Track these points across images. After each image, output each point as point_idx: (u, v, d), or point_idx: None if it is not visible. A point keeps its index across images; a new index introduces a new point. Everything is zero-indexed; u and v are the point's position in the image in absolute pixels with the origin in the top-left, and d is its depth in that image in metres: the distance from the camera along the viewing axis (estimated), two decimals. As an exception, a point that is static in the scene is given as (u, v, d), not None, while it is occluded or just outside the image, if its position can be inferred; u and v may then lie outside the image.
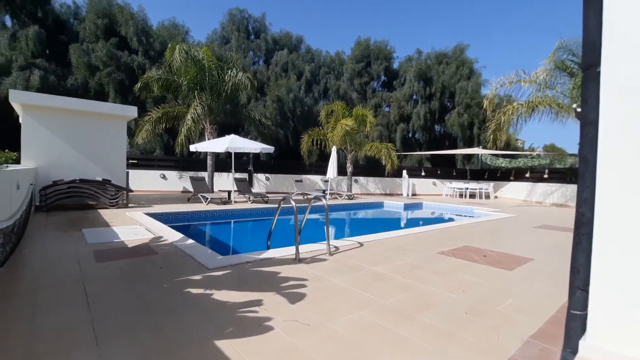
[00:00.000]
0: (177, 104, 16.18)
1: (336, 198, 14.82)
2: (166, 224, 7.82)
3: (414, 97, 23.50)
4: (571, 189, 14.05)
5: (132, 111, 9.58)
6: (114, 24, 20.24)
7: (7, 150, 10.27)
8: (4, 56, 19.16)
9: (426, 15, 46.56)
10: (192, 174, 15.87)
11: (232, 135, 11.03)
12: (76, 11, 21.77)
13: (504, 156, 20.58)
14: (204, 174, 15.74)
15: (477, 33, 48.31)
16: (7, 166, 4.67)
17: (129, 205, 9.62)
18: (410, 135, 23.85)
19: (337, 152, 14.75)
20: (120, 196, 8.90)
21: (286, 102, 20.52)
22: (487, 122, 12.00)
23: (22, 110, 8.34)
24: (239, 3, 37.09)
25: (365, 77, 24.32)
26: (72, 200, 8.36)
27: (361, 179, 18.46)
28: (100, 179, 8.78)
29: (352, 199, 14.79)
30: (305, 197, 14.39)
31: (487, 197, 17.20)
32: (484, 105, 12.00)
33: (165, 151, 19.47)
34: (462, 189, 17.56)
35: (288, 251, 4.49)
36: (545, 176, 15.56)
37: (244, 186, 12.44)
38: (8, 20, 20.36)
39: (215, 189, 14.36)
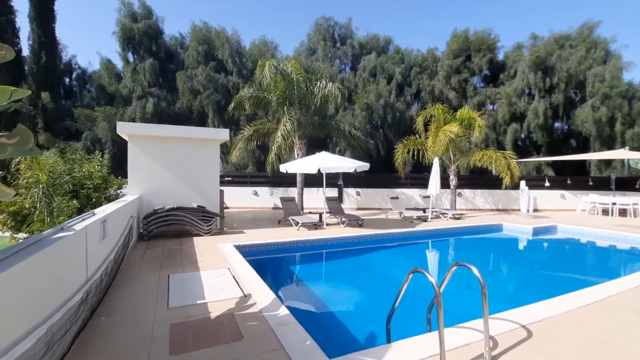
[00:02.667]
0: (268, 119, 16.17)
1: (439, 217, 12.77)
2: (256, 256, 7.17)
3: (528, 90, 19.67)
4: None
5: (224, 134, 9.37)
6: (212, 49, 21.68)
7: (119, 177, 11.20)
8: (128, 88, 22.06)
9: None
10: (282, 190, 15.61)
11: (323, 153, 10.09)
12: (182, 41, 24.05)
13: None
14: (294, 191, 15.34)
15: (609, 4, 38.25)
16: (91, 213, 4.32)
17: (224, 228, 9.40)
18: (523, 137, 20.04)
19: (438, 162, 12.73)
20: (214, 222, 8.65)
21: (375, 109, 19.11)
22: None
23: (128, 140, 8.70)
24: (325, 11, 37.18)
25: (464, 73, 21.40)
26: (171, 228, 8.37)
27: (466, 191, 15.89)
28: (196, 206, 8.66)
29: (459, 218, 12.55)
30: (402, 216, 12.71)
31: (649, 215, 12.96)
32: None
33: (257, 167, 19.91)
34: (607, 204, 13.61)
35: (422, 349, 3.05)
36: None
37: (336, 207, 11.40)
38: (130, 56, 23.49)
39: (305, 206, 13.73)
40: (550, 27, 24.24)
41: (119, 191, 10.72)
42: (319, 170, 9.25)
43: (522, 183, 15.11)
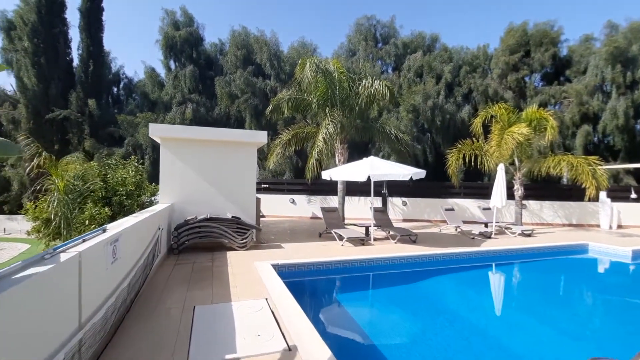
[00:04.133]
0: (307, 123, 15.23)
1: (504, 233, 10.99)
2: (298, 278, 6.08)
3: (604, 87, 17.12)
4: None
5: (261, 137, 8.45)
6: (251, 53, 21.32)
7: (153, 184, 10.67)
8: (169, 95, 22.26)
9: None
10: (320, 199, 14.53)
11: (372, 159, 8.85)
12: (221, 47, 24.02)
13: None
14: (333, 199, 14.18)
15: None
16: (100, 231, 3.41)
17: (260, 241, 8.45)
18: (597, 141, 17.43)
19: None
20: (250, 235, 7.70)
21: (423, 111, 17.54)
22: None
23: (161, 144, 8.03)
24: (366, 10, 36.07)
25: (523, 70, 19.20)
26: (203, 241, 7.53)
27: (531, 202, 13.83)
28: (230, 217, 7.76)
29: (529, 235, 10.69)
30: (459, 231, 11.08)
31: None
32: None
33: (294, 173, 19.03)
34: None
35: None
36: None
37: (384, 219, 10.08)
38: (172, 64, 23.80)
39: (346, 216, 12.51)
40: (628, 15, 21.16)
41: (152, 198, 10.19)
42: (369, 179, 8.01)
43: (603, 194, 12.85)
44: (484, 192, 13.93)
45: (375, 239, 9.11)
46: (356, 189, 13.81)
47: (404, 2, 38.01)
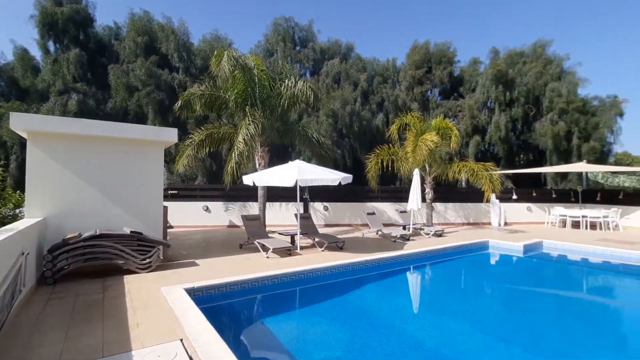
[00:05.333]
0: (223, 123, 13.97)
1: (419, 234, 11.59)
2: (220, 302, 5.13)
3: (490, 104, 19.89)
4: None
5: (170, 135, 7.16)
6: (154, 42, 18.85)
7: (18, 192, 8.26)
8: (46, 82, 18.23)
9: (489, 10, 42.03)
10: (238, 206, 13.41)
11: (299, 163, 8.28)
12: (117, 32, 20.77)
13: (627, 173, 16.35)
14: (253, 206, 13.23)
15: (561, 23, 41.94)
16: None
17: (169, 259, 7.11)
18: (484, 150, 20.13)
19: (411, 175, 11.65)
20: (155, 254, 6.34)
21: (341, 116, 17.81)
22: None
23: (28, 140, 6.12)
24: (285, 11, 35.62)
25: (427, 85, 21.15)
26: (91, 264, 5.92)
27: (438, 205, 15.07)
28: (129, 232, 6.29)
29: (441, 235, 11.48)
30: (380, 234, 11.30)
31: (616, 227, 13.09)
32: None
33: (208, 178, 17.35)
34: (578, 217, 13.60)
35: None
36: None
37: (310, 226, 9.60)
38: (51, 45, 19.63)
39: (268, 223, 11.71)
40: (505, 44, 25.26)
41: (17, 210, 7.83)
42: (297, 184, 7.40)
43: (493, 196, 14.68)
44: (400, 196, 14.66)
45: (302, 248, 8.55)
46: (277, 194, 13.13)
47: (320, 7, 38.78)
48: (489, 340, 4.66)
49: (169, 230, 11.20)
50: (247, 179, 8.32)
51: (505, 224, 14.94)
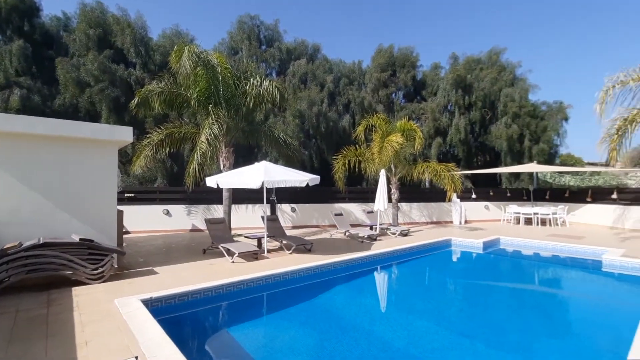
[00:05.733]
0: (184, 122, 13.39)
1: (386, 234, 11.76)
2: (181, 312, 4.84)
3: (450, 107, 20.72)
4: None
5: (124, 134, 6.67)
6: (108, 35, 17.64)
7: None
8: (-19, 75, 16.45)
9: (450, 17, 44.11)
10: (202, 209, 12.88)
11: (265, 163, 8.07)
12: (66, 23, 19.24)
13: (572, 173, 17.68)
14: (217, 208, 12.78)
15: (514, 33, 45.31)
16: None
17: (125, 268, 6.62)
18: (446, 151, 20.94)
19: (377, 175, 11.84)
20: (108, 262, 5.86)
21: (308, 117, 17.71)
22: (609, 132, 9.02)
23: (-45, 139, 5.41)
24: (250, 8, 34.86)
25: (391, 87, 21.62)
26: (34, 275, 5.34)
27: (403, 205, 15.42)
28: (77, 239, 5.76)
29: (406, 235, 11.72)
30: (348, 235, 11.34)
31: (563, 223, 14.10)
32: (596, 110, 9.07)
33: (169, 180, 16.52)
34: (530, 214, 14.50)
35: None
36: (645, 198, 12.56)
37: (277, 228, 9.39)
38: (-10, 35, 17.77)
39: (233, 226, 11.35)
40: (464, 51, 26.58)
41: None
42: (263, 185, 7.18)
43: (454, 196, 15.27)
44: (367, 196, 14.83)
45: (269, 251, 8.34)
46: (243, 196, 12.76)
47: (286, 7, 38.47)
48: (455, 337, 4.75)
49: (125, 236, 10.50)
50: (211, 181, 7.96)
51: (466, 222, 15.60)
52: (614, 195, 13.47)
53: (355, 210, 14.70)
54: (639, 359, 1.41)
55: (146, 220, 12.09)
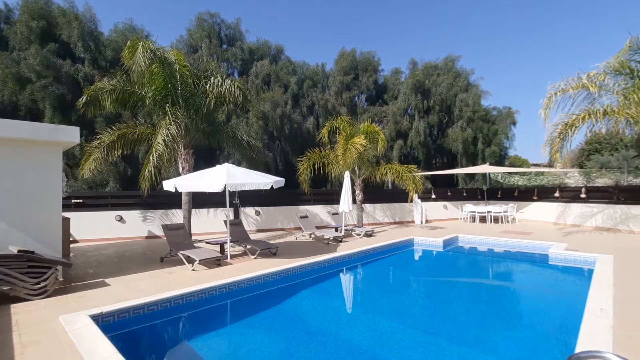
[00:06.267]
0: (138, 122, 12.64)
1: (351, 235, 11.87)
2: (138, 327, 4.50)
3: (410, 111, 21.45)
4: (620, 210, 12.25)
5: (70, 134, 6.12)
6: (53, 27, 16.25)
7: None
8: None
9: (407, 25, 46.00)
10: (159, 214, 12.22)
11: (228, 166, 7.79)
12: (8, 15, 17.43)
13: (520, 174, 18.95)
14: (176, 213, 12.19)
15: (468, 43, 48.62)
16: None
17: (72, 280, 6.06)
18: (407, 153, 21.63)
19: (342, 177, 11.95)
20: (52, 275, 5.32)
21: (272, 118, 17.48)
22: (554, 134, 9.75)
23: None
24: (209, 7, 33.75)
25: (354, 91, 21.98)
26: (-42, 294, 4.71)
27: (367, 206, 15.68)
28: (15, 251, 5.17)
29: (371, 235, 11.90)
30: (313, 237, 11.31)
31: (513, 220, 15.09)
32: (541, 115, 9.80)
33: (122, 185, 15.49)
34: (484, 212, 15.36)
35: None
36: (583, 195, 13.75)
37: (241, 233, 9.11)
38: None
39: (194, 232, 10.87)
40: (422, 57, 27.77)
41: None
42: (226, 189, 6.92)
43: (415, 196, 15.79)
44: (332, 198, 14.91)
45: (232, 257, 8.06)
46: (205, 200, 12.28)
47: (248, 6, 37.82)
48: (419, 335, 4.85)
49: (72, 245, 9.70)
50: (168, 185, 7.54)
51: (427, 221, 16.19)
52: (557, 194, 14.66)
53: (320, 212, 14.70)
54: (592, 350, 1.46)
55: (97, 228, 11.24)
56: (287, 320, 5.38)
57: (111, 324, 4.40)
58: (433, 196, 17.05)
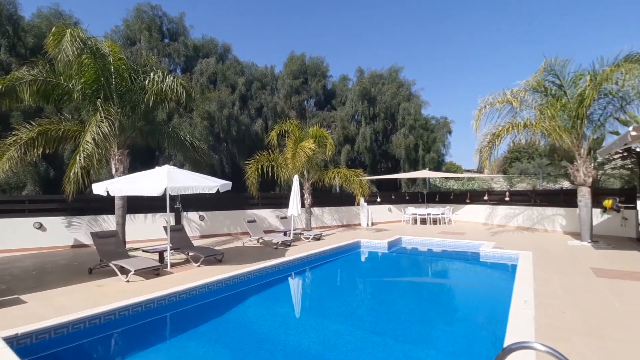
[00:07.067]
0: (64, 118, 11.34)
1: (299, 239, 11.83)
2: (61, 346, 4.00)
3: (357, 117, 22.15)
4: (537, 212, 13.84)
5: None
6: (-45, 5, 13.99)
7: None
8: None
9: (355, 34, 47.57)
10: (86, 220, 11.07)
11: (169, 168, 7.29)
12: None
13: (455, 179, 20.47)
14: (108, 220, 11.14)
15: (410, 55, 51.73)
16: None
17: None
18: (354, 157, 22.27)
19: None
20: (-56, 295, 4.48)
21: (219, 119, 16.87)
22: (485, 143, 10.66)
23: None
24: None
25: (303, 95, 22.14)
26: None
27: (316, 209, 15.77)
28: None
29: (319, 239, 11.97)
30: (261, 242, 11.07)
31: (450, 222, 16.27)
32: (473, 126, 10.72)
33: (43, 188, 13.75)
34: (425, 215, 16.34)
35: None
36: (507, 198, 15.30)
37: (183, 239, 8.58)
38: None
39: (130, 239, 10.02)
40: (369, 65, 28.93)
41: None
42: (167, 192, 6.45)
43: (362, 200, 16.28)
44: (280, 202, 14.73)
45: (173, 265, 7.55)
46: (142, 204, 11.38)
47: (193, 1, 36.20)
48: (367, 335, 4.95)
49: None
50: (99, 188, 6.83)
51: (372, 224, 16.75)
52: (486, 197, 16.14)
53: (268, 216, 14.45)
54: (522, 342, 1.62)
55: (11, 237, 9.81)
56: (233, 330, 5.16)
57: (29, 347, 3.84)
58: (378, 199, 17.71)
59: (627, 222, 11.08)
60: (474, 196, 17.15)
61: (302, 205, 12.84)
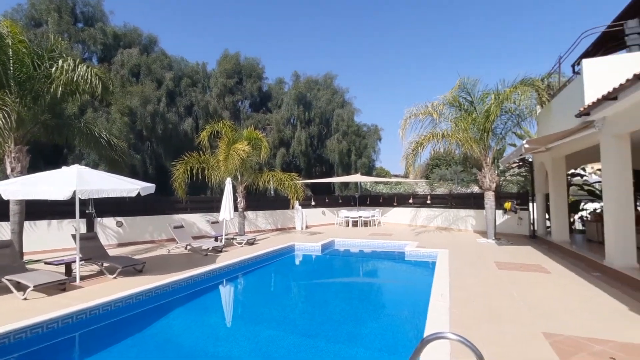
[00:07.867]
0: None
1: (232, 244, 11.41)
2: None
3: (293, 121, 22.23)
4: (453, 214, 15.37)
5: None
6: None
7: None
8: None
9: (291, 39, 47.76)
10: (-28, 228, 9.27)
11: (79, 168, 6.44)
12: None
13: (384, 183, 21.66)
14: (4, 228, 9.48)
15: (343, 64, 53.56)
16: None
17: None
18: (289, 161, 22.30)
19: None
20: None
21: (142, 116, 15.49)
22: (410, 150, 11.50)
23: None
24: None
25: (238, 95, 21.51)
26: None
27: (249, 213, 15.39)
28: None
29: (253, 243, 11.69)
30: (190, 248, 10.42)
31: (379, 224, 17.20)
32: (399, 134, 11.55)
33: None
34: (356, 217, 17.02)
35: None
36: (428, 201, 16.71)
37: (95, 248, 7.65)
38: None
39: (29, 250, 8.63)
40: (304, 70, 29.27)
41: None
42: (75, 195, 5.68)
43: (296, 203, 16.35)
44: (211, 206, 14.04)
45: (83, 279, 6.69)
46: (45, 209, 9.94)
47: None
48: (299, 339, 4.95)
49: None
50: (-11, 191, 5.75)
51: (307, 227, 16.92)
52: (410, 200, 17.46)
53: (198, 221, 13.68)
54: (437, 332, 1.82)
55: None
56: (154, 347, 4.74)
57: None
58: (313, 203, 17.97)
59: (522, 222, 12.93)
60: (401, 199, 18.41)
61: (235, 209, 12.43)
